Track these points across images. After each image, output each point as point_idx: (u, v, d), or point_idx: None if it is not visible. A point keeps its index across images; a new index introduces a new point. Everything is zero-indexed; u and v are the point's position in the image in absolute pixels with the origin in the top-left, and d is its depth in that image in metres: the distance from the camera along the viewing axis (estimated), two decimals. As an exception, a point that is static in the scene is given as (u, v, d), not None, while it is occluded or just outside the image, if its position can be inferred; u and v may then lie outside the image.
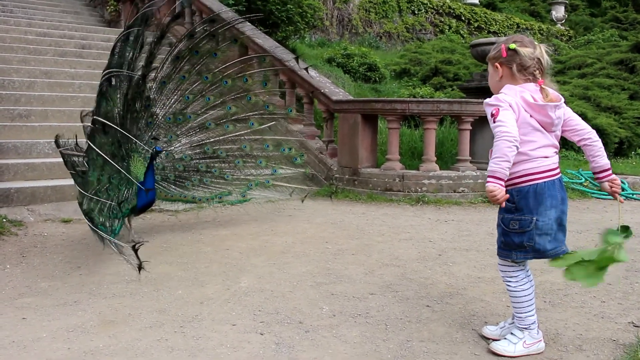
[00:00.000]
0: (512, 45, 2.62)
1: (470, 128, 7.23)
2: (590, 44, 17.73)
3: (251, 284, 3.67)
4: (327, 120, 8.08)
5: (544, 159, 2.60)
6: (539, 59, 2.62)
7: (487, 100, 2.63)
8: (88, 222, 3.88)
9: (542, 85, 2.59)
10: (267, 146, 5.50)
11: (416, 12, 17.84)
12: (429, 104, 7.09)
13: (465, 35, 18.33)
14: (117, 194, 4.38)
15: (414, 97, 10.18)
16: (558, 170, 2.65)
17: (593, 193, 7.85)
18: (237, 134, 5.34)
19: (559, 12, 22.80)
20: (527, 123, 2.57)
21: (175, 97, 5.00)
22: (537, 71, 2.63)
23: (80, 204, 4.04)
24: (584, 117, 10.58)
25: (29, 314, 3.11)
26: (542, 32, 20.77)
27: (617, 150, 11.05)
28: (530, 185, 2.58)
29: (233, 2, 9.94)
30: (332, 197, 6.89)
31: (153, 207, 5.63)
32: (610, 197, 7.33)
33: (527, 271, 2.74)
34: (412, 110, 7.06)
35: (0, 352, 2.62)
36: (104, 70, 4.19)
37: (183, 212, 5.88)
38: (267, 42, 8.97)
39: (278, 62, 8.39)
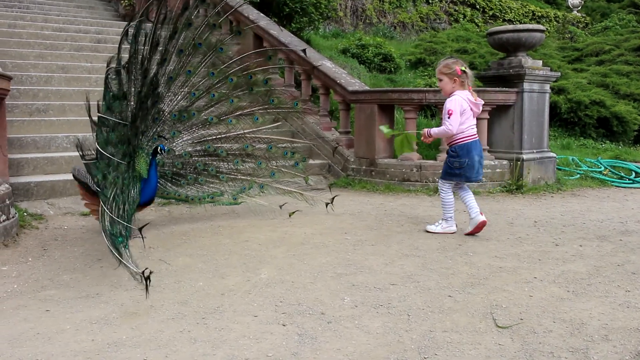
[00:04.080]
0: (463, 68, 4.61)
1: (488, 117, 7.16)
2: (608, 31, 17.50)
3: (271, 275, 3.66)
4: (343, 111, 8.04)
5: (470, 129, 4.68)
6: (469, 74, 4.68)
7: (449, 100, 4.65)
8: (108, 242, 3.45)
9: (471, 90, 4.67)
10: (271, 148, 5.32)
11: (430, 1, 17.70)
12: (446, 93, 7.02)
13: (480, 24, 18.16)
14: (128, 193, 4.33)
15: (430, 86, 10.11)
16: (476, 136, 4.73)
17: (613, 181, 7.76)
18: (240, 131, 5.18)
19: (575, -2, 22.49)
20: (467, 112, 4.62)
21: (183, 93, 4.93)
22: (469, 81, 4.67)
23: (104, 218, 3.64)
24: (602, 104, 10.46)
25: (52, 306, 3.13)
26: (557, 19, 20.52)
27: (637, 137, 10.91)
28: (464, 143, 4.66)
29: (247, -7, 9.91)
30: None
31: (170, 201, 5.66)
32: (630, 184, 7.23)
33: (465, 189, 4.83)
34: (429, 100, 7.01)
35: (26, 344, 2.65)
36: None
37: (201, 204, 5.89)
38: (282, 34, 8.95)
39: (293, 53, 8.38)
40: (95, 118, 3.98)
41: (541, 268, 3.84)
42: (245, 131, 5.22)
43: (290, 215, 5.46)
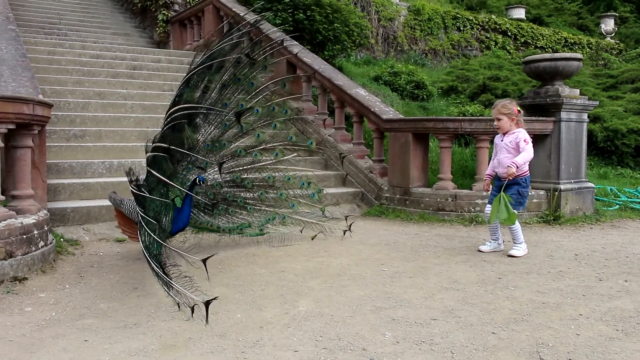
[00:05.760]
0: (518, 108, 5.20)
1: (524, 146, 7.05)
2: (643, 57, 17.22)
3: (310, 307, 3.60)
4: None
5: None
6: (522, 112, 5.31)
7: (519, 132, 5.12)
8: (155, 265, 3.62)
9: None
10: (289, 179, 5.51)
11: (462, 28, 17.67)
12: (481, 122, 6.95)
13: (511, 51, 18.04)
14: (160, 221, 4.33)
15: (464, 115, 10.04)
16: None
17: (654, 213, 7.54)
18: (262, 163, 5.37)
19: (608, 25, 22.27)
20: None
21: (216, 123, 4.98)
22: (522, 119, 5.23)
23: (149, 247, 3.79)
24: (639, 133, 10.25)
25: (91, 336, 3.12)
26: (590, 46, 20.30)
27: (676, 168, 10.62)
28: (529, 175, 5.22)
29: (280, 21, 10.00)
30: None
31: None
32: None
33: None
34: (465, 129, 6.94)
35: (65, 377, 2.62)
36: (181, 104, 4.11)
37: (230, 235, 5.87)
38: (315, 61, 8.99)
39: (327, 81, 8.41)
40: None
41: (586, 304, 3.72)
42: (266, 162, 5.40)
43: (312, 239, 5.65)
